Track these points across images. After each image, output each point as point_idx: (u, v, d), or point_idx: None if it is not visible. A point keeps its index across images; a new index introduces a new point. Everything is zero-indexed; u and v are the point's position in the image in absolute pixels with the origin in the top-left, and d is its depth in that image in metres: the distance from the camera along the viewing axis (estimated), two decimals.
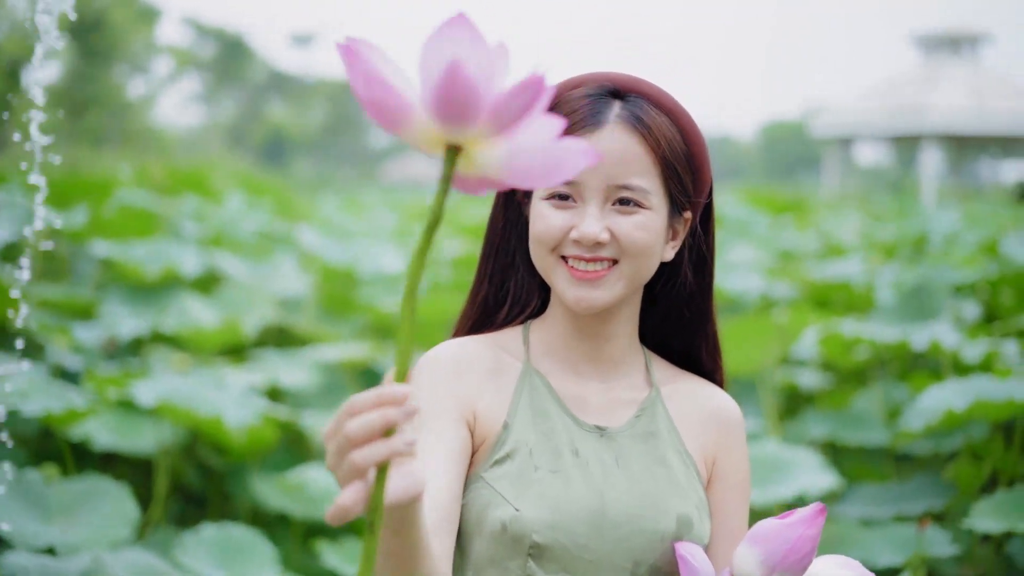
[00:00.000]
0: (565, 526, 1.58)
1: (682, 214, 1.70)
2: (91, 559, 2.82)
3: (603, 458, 1.65)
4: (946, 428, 3.89)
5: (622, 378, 1.74)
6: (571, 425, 1.67)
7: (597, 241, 1.60)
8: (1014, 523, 3.31)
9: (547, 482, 1.60)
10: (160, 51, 40.81)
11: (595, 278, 1.62)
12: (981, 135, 30.74)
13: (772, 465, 3.73)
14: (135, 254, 5.19)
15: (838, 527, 3.71)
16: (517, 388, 1.69)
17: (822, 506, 1.47)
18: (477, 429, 1.65)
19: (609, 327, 1.71)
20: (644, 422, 1.70)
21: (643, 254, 1.63)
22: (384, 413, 1.10)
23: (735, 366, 4.66)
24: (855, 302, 6.14)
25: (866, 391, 4.93)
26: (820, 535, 1.47)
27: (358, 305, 5.90)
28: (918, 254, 7.90)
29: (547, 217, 1.63)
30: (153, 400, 3.60)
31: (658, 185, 1.63)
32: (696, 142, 1.68)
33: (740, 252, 7.73)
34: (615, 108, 1.63)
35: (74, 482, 3.31)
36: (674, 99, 1.68)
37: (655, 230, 1.63)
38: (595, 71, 1.69)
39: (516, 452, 1.63)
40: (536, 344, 1.74)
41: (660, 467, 1.67)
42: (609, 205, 1.62)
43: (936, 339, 4.40)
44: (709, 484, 1.73)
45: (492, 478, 1.61)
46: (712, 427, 1.74)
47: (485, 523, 1.59)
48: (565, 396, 1.70)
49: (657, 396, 1.73)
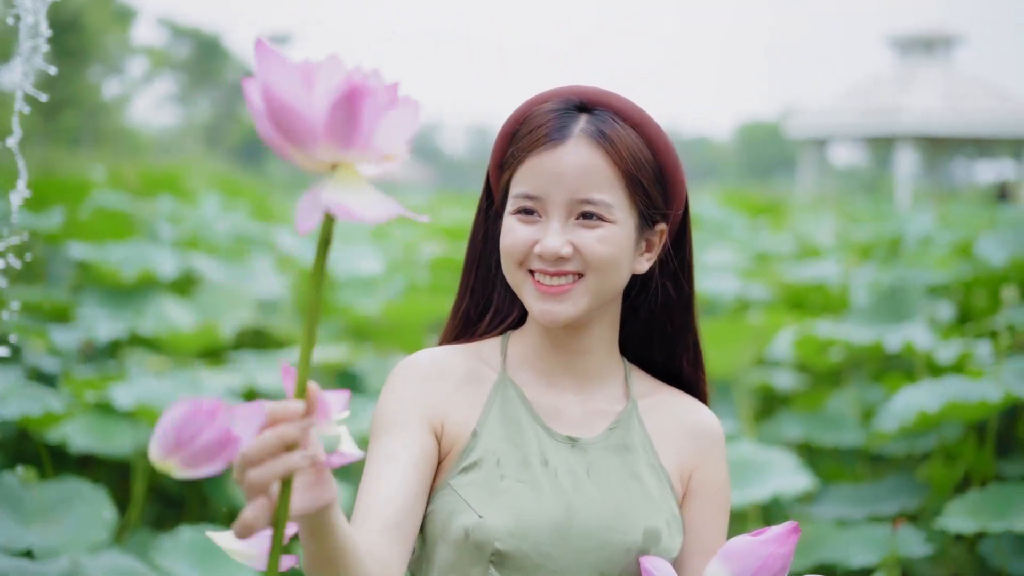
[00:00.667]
0: (528, 535, 1.58)
1: (654, 227, 1.70)
2: (69, 562, 2.82)
3: (574, 469, 1.65)
4: (919, 429, 3.93)
5: (599, 391, 1.74)
6: (542, 435, 1.67)
7: (559, 255, 1.61)
8: (986, 523, 3.34)
9: (513, 491, 1.61)
10: (135, 51, 40.62)
11: (560, 292, 1.62)
12: (955, 136, 30.90)
13: (747, 466, 3.75)
14: (112, 256, 5.18)
15: (813, 527, 3.74)
16: (490, 398, 1.70)
17: (795, 524, 1.48)
18: (445, 437, 1.66)
19: (583, 340, 1.72)
20: (618, 434, 1.71)
21: (607, 268, 1.63)
22: (278, 432, 1.12)
23: (711, 368, 4.66)
24: (830, 303, 6.17)
25: (841, 392, 4.97)
26: (792, 553, 1.48)
27: (335, 308, 5.90)
28: (893, 255, 7.94)
29: (514, 231, 1.64)
30: (131, 403, 3.60)
31: (622, 199, 1.63)
32: (665, 155, 1.68)
33: (716, 254, 7.76)
34: (580, 122, 1.64)
35: (51, 485, 3.29)
36: (643, 112, 1.68)
37: (619, 244, 1.63)
38: (567, 85, 1.70)
39: (484, 460, 1.63)
40: (513, 355, 1.75)
41: (632, 480, 1.67)
42: (572, 219, 1.62)
43: (909, 340, 4.44)
44: (684, 499, 1.73)
45: (459, 485, 1.62)
46: (690, 442, 1.74)
47: (449, 530, 1.60)
48: (539, 407, 1.71)
49: (634, 409, 1.74)
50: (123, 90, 39.70)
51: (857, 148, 42.69)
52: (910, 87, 31.14)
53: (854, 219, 11.22)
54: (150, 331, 4.78)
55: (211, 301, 5.40)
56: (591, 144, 1.62)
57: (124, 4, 35.09)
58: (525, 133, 1.66)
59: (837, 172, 46.20)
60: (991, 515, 3.39)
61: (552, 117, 1.65)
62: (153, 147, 34.40)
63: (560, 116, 1.65)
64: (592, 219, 1.62)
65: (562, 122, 1.64)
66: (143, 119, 46.03)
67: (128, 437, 3.78)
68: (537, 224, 1.63)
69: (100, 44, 32.12)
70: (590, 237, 1.61)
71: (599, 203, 1.61)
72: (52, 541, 3.10)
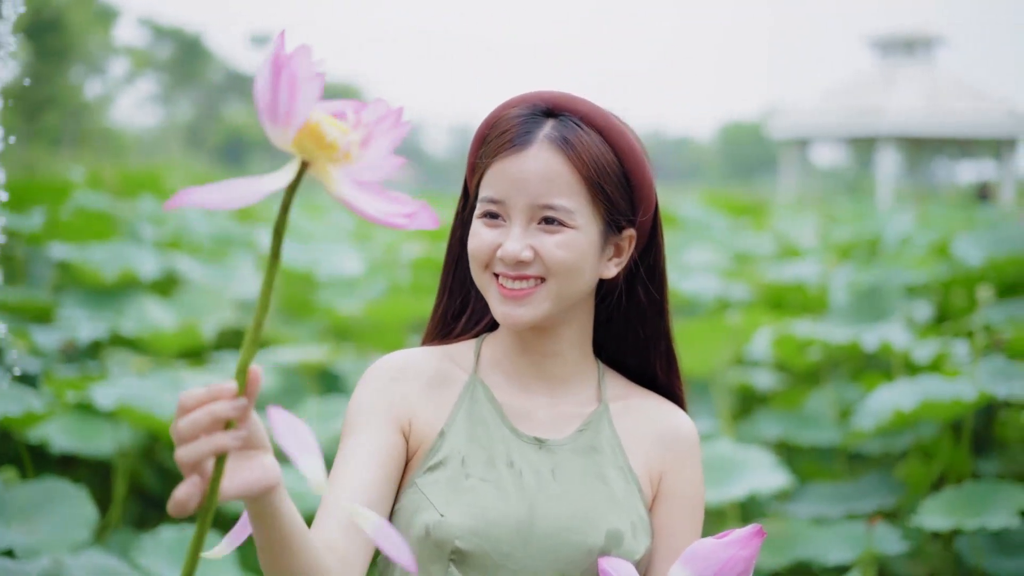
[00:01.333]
0: (489, 534, 1.60)
1: (622, 232, 1.71)
2: (51, 561, 2.82)
3: (539, 470, 1.67)
4: (895, 428, 3.96)
5: (570, 393, 1.75)
6: (509, 436, 1.69)
7: (519, 260, 1.62)
8: (961, 520, 3.38)
9: (477, 490, 1.63)
10: (117, 52, 40.54)
11: (521, 296, 1.64)
12: (936, 136, 31.05)
13: (724, 465, 3.78)
14: (93, 257, 5.18)
15: (790, 525, 3.77)
16: (459, 399, 1.72)
17: (759, 528, 1.49)
18: (412, 436, 1.68)
19: (553, 344, 1.73)
20: (587, 436, 1.72)
21: (568, 273, 1.64)
22: (210, 409, 1.14)
23: (689, 367, 4.72)
24: (809, 303, 6.21)
25: (819, 391, 5.00)
26: (756, 556, 1.49)
27: (316, 308, 5.92)
28: (873, 255, 7.98)
29: (479, 235, 1.66)
30: (112, 403, 3.60)
31: (584, 204, 1.64)
32: (632, 161, 1.68)
33: (697, 254, 7.79)
34: (545, 128, 1.65)
35: (33, 485, 3.30)
36: (610, 117, 1.69)
37: (579, 249, 1.64)
38: (536, 90, 1.71)
39: (449, 460, 1.65)
40: (486, 357, 1.77)
41: (597, 482, 1.68)
42: (534, 224, 1.64)
43: (886, 340, 4.48)
44: (655, 502, 1.74)
45: (424, 484, 1.64)
46: (662, 445, 1.75)
47: (412, 527, 1.62)
48: (509, 409, 1.72)
49: (604, 412, 1.75)
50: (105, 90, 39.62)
51: (839, 148, 42.86)
52: (891, 88, 31.27)
53: (835, 219, 11.28)
54: (131, 331, 4.78)
55: (192, 301, 5.41)
56: (553, 150, 1.63)
57: (106, 4, 35.03)
58: (493, 137, 1.68)
59: (819, 172, 46.34)
60: (966, 513, 3.42)
61: (518, 122, 1.66)
62: (135, 147, 34.33)
63: (526, 121, 1.66)
64: (553, 224, 1.63)
65: (527, 127, 1.65)
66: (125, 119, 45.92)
67: (109, 437, 3.79)
68: (501, 228, 1.65)
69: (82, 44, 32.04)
70: (550, 242, 1.63)
71: (560, 209, 1.63)
72: (33, 541, 3.11)
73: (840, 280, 6.32)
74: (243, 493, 1.22)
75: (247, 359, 1.14)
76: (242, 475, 1.21)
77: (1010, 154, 30.06)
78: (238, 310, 5.76)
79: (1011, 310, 4.84)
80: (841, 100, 32.03)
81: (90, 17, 32.67)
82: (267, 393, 4.80)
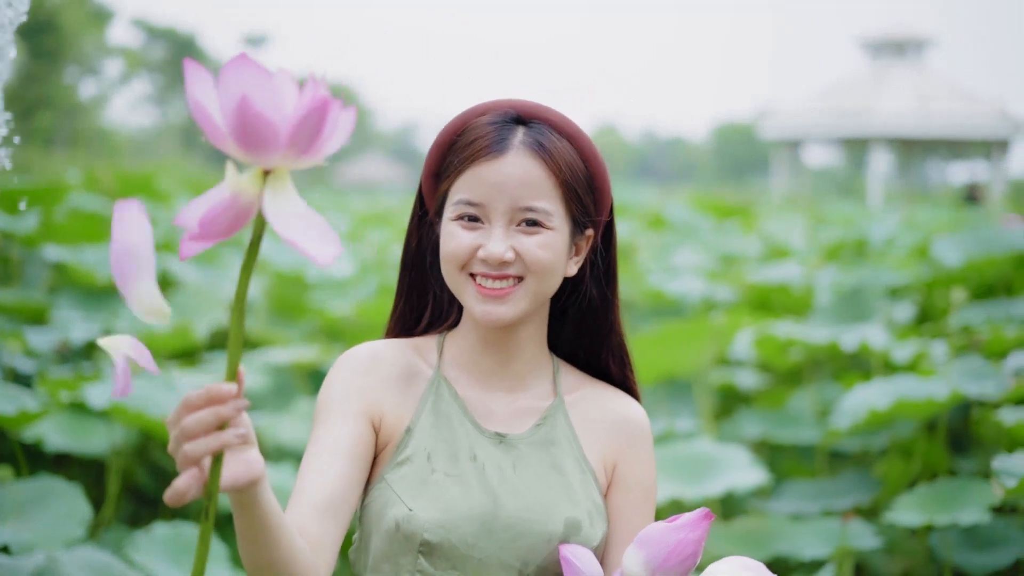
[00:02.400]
0: (455, 526, 1.69)
1: (584, 232, 1.80)
2: (45, 557, 2.89)
3: (500, 464, 1.76)
4: (871, 427, 4.05)
5: (528, 388, 1.84)
6: (472, 431, 1.77)
7: (503, 260, 1.70)
8: (933, 516, 3.47)
9: (442, 485, 1.71)
10: (111, 52, 40.52)
11: (502, 295, 1.72)
12: (926, 137, 31.14)
13: (704, 462, 3.86)
14: (87, 258, 5.24)
15: (769, 521, 3.85)
16: (424, 395, 1.80)
17: (707, 511, 1.57)
18: (383, 430, 1.77)
19: (515, 341, 1.82)
20: (544, 430, 1.81)
21: (546, 272, 1.73)
22: (215, 411, 1.25)
23: (674, 367, 4.81)
24: (794, 304, 6.28)
25: (801, 391, 5.09)
26: (704, 539, 1.57)
27: (308, 309, 5.99)
28: (859, 257, 8.06)
29: (456, 236, 1.73)
30: (105, 402, 3.66)
31: (559, 206, 1.74)
32: (596, 165, 1.78)
33: (684, 256, 7.87)
34: (519, 134, 1.74)
35: (27, 483, 3.35)
36: (575, 125, 1.78)
37: (557, 249, 1.74)
38: (501, 98, 1.79)
39: (416, 455, 1.74)
40: (448, 354, 1.85)
41: (555, 473, 1.77)
42: (514, 226, 1.72)
43: (865, 340, 4.56)
44: (609, 490, 1.83)
45: (392, 479, 1.72)
46: (614, 434, 1.84)
47: (383, 521, 1.71)
48: (471, 404, 1.81)
49: (560, 405, 1.84)
50: (99, 91, 39.60)
51: (831, 149, 42.94)
52: (882, 89, 31.35)
53: (822, 221, 11.36)
54: (125, 332, 4.84)
55: (185, 302, 5.47)
56: (531, 155, 1.72)
57: (99, 5, 35.03)
58: (465, 144, 1.75)
59: (811, 172, 46.38)
60: (938, 509, 3.51)
61: (492, 129, 1.74)
62: (129, 148, 34.31)
63: (499, 128, 1.74)
64: (533, 226, 1.72)
65: (501, 134, 1.74)
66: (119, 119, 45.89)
67: (102, 436, 3.84)
68: (480, 230, 1.73)
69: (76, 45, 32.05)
70: (531, 243, 1.72)
71: (540, 210, 1.72)
72: (28, 537, 3.13)
73: (825, 281, 6.40)
74: (236, 484, 1.32)
75: (234, 365, 1.25)
76: (231, 468, 1.32)
77: (1001, 155, 30.15)
78: (230, 311, 5.81)
79: (989, 311, 4.92)
80: (832, 101, 32.11)
81: (84, 18, 32.68)
82: (258, 392, 4.87)
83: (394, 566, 1.71)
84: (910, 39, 32.84)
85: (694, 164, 69.56)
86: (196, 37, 50.17)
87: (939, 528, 3.63)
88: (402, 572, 1.71)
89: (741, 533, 3.77)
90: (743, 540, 3.71)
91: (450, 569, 1.70)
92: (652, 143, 78.33)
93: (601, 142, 67.92)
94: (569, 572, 1.68)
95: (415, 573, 1.70)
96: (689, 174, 66.13)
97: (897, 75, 32.00)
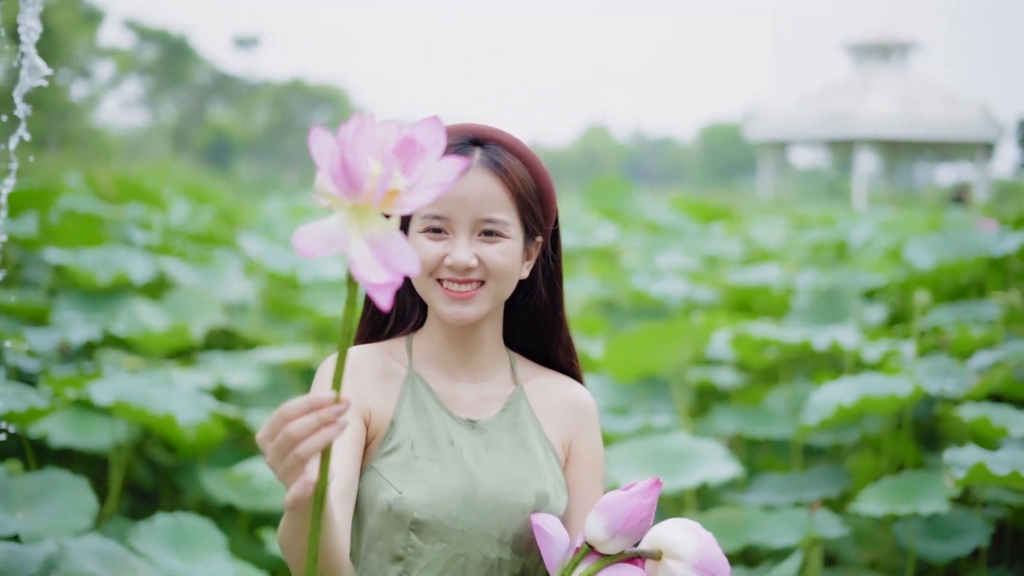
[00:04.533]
0: (441, 504, 1.92)
1: (534, 239, 2.05)
2: (56, 545, 3.02)
3: (475, 446, 1.99)
4: (839, 422, 4.22)
5: (490, 378, 2.09)
6: (447, 419, 2.01)
7: (468, 266, 1.94)
8: (895, 506, 3.64)
9: (426, 469, 1.94)
10: (102, 54, 40.57)
11: (467, 297, 1.96)
12: (911, 140, 31.33)
13: (680, 456, 4.04)
14: (87, 261, 5.36)
15: (743, 512, 4.02)
16: (402, 391, 2.02)
17: (656, 479, 1.81)
18: (372, 425, 1.98)
19: (476, 336, 2.06)
20: (510, 415, 2.05)
21: (505, 275, 1.98)
22: (319, 414, 1.43)
23: (652, 366, 4.98)
24: (774, 305, 6.45)
25: (777, 388, 5.26)
26: (656, 504, 1.80)
27: (300, 309, 6.14)
28: (838, 259, 8.23)
29: (424, 247, 1.96)
30: (110, 400, 3.78)
31: (515, 217, 1.98)
32: (544, 180, 2.03)
33: (666, 258, 8.04)
34: (476, 154, 1.98)
35: (36, 476, 3.45)
36: (524, 146, 2.02)
37: (514, 255, 1.98)
38: (459, 123, 2.02)
39: (401, 445, 1.96)
40: (418, 353, 2.08)
41: (523, 452, 2.02)
42: (476, 235, 1.96)
43: (836, 340, 4.75)
44: (567, 464, 2.09)
45: (381, 467, 1.95)
46: (568, 415, 2.10)
47: (375, 504, 1.93)
48: (442, 395, 2.04)
49: (521, 392, 2.09)
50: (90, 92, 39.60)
51: (818, 150, 43.12)
52: (866, 92, 31.53)
53: (805, 223, 11.51)
54: (124, 332, 4.96)
55: (181, 303, 5.59)
56: (489, 172, 1.97)
57: (91, 6, 35.07)
58: None
59: (798, 173, 46.57)
60: (900, 499, 3.68)
61: (452, 151, 1.97)
62: (120, 149, 34.32)
63: (459, 149, 1.98)
64: (492, 235, 1.96)
65: (461, 154, 1.96)
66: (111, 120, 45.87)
67: (105, 432, 3.98)
68: (444, 240, 1.96)
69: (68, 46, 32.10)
70: (492, 251, 1.96)
71: (498, 221, 1.96)
72: (38, 527, 3.25)
73: (804, 283, 6.58)
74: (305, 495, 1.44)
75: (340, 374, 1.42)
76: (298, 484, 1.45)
77: (986, 157, 30.36)
78: (225, 312, 5.96)
79: (958, 312, 5.10)
80: (818, 104, 32.29)
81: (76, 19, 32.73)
82: (253, 390, 5.03)
83: (388, 543, 1.93)
84: (895, 43, 33.06)
85: (683, 165, 69.60)
86: (188, 38, 50.20)
87: (903, 518, 3.78)
88: (396, 548, 1.93)
89: (715, 523, 3.93)
90: (717, 530, 3.88)
91: (438, 542, 1.92)
92: (641, 143, 78.33)
93: (591, 142, 67.90)
94: (541, 538, 1.89)
95: (407, 547, 1.92)
96: (678, 175, 66.22)
97: (882, 78, 32.19)
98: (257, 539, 4.22)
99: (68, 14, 31.66)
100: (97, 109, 40.08)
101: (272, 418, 1.46)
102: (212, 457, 4.41)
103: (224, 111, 52.73)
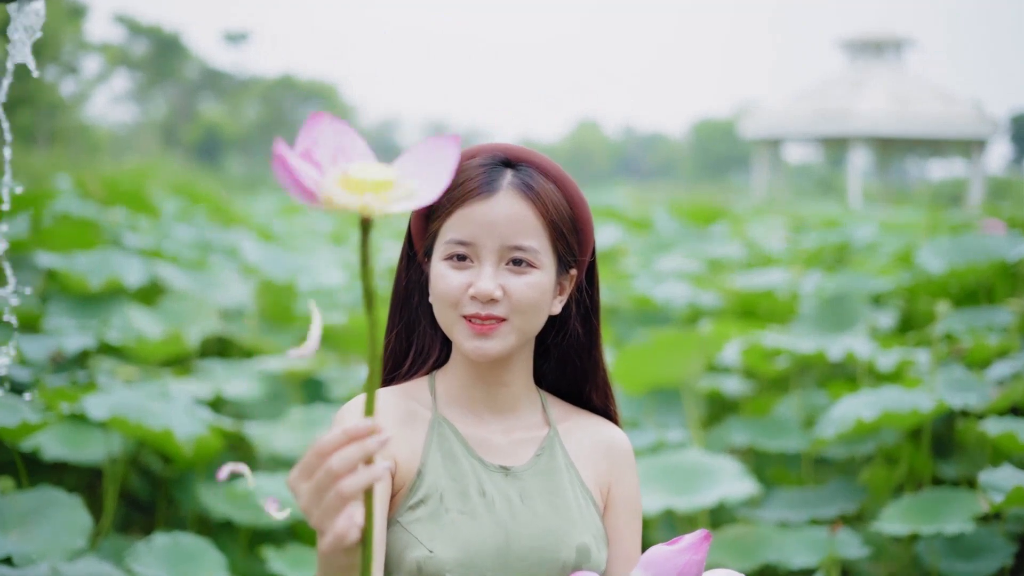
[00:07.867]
0: (474, 563, 1.75)
1: (568, 271, 1.88)
2: (48, 569, 2.93)
3: (508, 496, 1.82)
4: (857, 436, 4.12)
5: (520, 419, 1.91)
6: (478, 467, 1.84)
7: (492, 297, 1.76)
8: (919, 525, 3.54)
9: (457, 523, 1.77)
10: (91, 49, 40.36)
11: (489, 330, 1.78)
12: (905, 137, 31.32)
13: (694, 473, 3.93)
14: (79, 265, 5.26)
15: (757, 530, 3.92)
16: (428, 436, 1.85)
17: (706, 533, 1.64)
18: (397, 474, 1.81)
19: (504, 374, 1.88)
20: (544, 460, 1.88)
21: (532, 310, 1.80)
22: (363, 446, 1.28)
23: (662, 377, 4.87)
24: (779, 310, 6.35)
25: (787, 398, 5.15)
26: (705, 559, 1.64)
27: (298, 317, 6.03)
28: (841, 262, 8.14)
29: (447, 277, 1.79)
30: (105, 414, 3.69)
31: (547, 245, 1.81)
32: (580, 207, 1.86)
33: (668, 261, 7.93)
34: (507, 176, 1.81)
35: (28, 494, 3.37)
36: (559, 168, 1.86)
37: (544, 288, 1.81)
38: (489, 143, 1.87)
39: (429, 497, 1.79)
40: (442, 393, 1.91)
41: (560, 501, 1.84)
42: (503, 264, 1.79)
43: (851, 350, 4.64)
44: (605, 512, 1.91)
45: (407, 522, 1.77)
46: (604, 459, 1.93)
47: (403, 563, 1.76)
48: (471, 440, 1.87)
49: (555, 435, 1.91)
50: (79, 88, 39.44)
51: (811, 148, 43.14)
52: (860, 89, 31.51)
53: (803, 224, 11.42)
54: (117, 340, 4.87)
55: (176, 309, 5.48)
56: (520, 196, 1.79)
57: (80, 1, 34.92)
58: (456, 185, 1.80)
59: (792, 170, 46.55)
60: (924, 518, 3.59)
61: (482, 171, 1.81)
62: (109, 145, 34.20)
63: (489, 171, 1.81)
64: (521, 265, 1.79)
65: (491, 176, 1.81)
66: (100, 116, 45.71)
67: (99, 445, 3.88)
68: (469, 269, 1.79)
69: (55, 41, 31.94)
70: (519, 283, 1.78)
71: (528, 249, 1.79)
72: (30, 548, 3.15)
73: (809, 287, 6.47)
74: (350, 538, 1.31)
75: (372, 401, 1.29)
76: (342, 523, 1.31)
77: (979, 154, 30.36)
78: (222, 318, 5.85)
79: (970, 318, 5.00)
80: (811, 101, 32.25)
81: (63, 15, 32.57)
82: (252, 401, 4.91)
83: None
84: (889, 40, 33.02)
85: (674, 160, 69.54)
86: (179, 34, 50.05)
87: (925, 536, 3.70)
88: None
89: (731, 541, 3.83)
90: (733, 548, 3.78)
91: None
92: (632, 139, 78.27)
93: (582, 137, 67.86)
94: None
95: None
96: (669, 171, 66.14)
97: (876, 75, 32.15)
98: (257, 556, 4.10)
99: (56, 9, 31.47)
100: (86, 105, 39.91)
101: (306, 457, 1.30)
102: (209, 469, 4.30)
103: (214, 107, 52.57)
